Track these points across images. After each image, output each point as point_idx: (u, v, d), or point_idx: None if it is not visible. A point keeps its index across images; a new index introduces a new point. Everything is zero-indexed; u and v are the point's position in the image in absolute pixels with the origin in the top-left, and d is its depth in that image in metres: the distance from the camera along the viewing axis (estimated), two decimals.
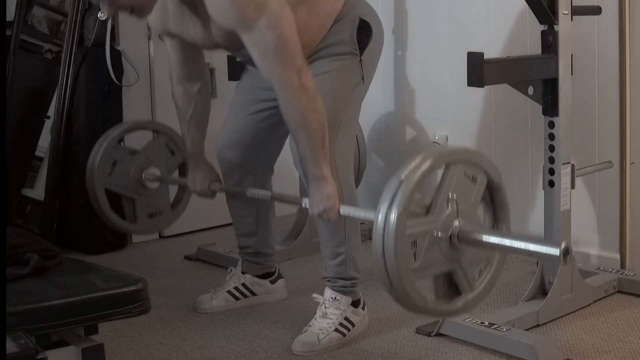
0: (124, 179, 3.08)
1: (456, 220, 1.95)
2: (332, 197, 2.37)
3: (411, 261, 1.88)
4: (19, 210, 3.79)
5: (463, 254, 1.97)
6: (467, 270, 1.99)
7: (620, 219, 3.12)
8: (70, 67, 3.60)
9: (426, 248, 1.91)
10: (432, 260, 1.93)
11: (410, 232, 1.88)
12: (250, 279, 2.95)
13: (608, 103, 3.09)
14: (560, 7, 2.60)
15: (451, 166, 1.96)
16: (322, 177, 2.38)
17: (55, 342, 2.00)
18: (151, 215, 3.15)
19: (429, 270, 1.94)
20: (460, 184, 1.97)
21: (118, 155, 3.08)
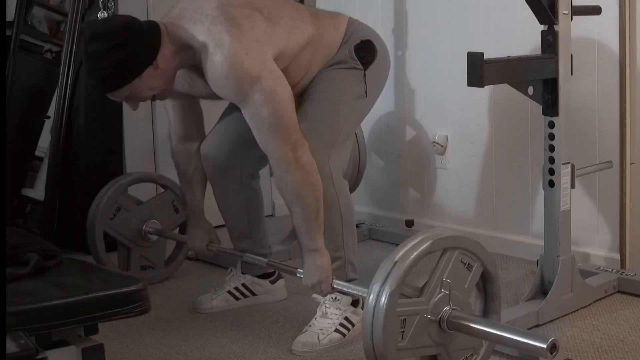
0: (124, 226, 3.14)
1: (447, 305, 1.98)
2: (325, 269, 2.43)
3: (398, 339, 1.92)
4: (19, 210, 3.79)
5: (451, 339, 2.01)
6: (452, 356, 2.03)
7: (620, 219, 3.12)
8: (70, 67, 3.60)
9: (415, 329, 1.95)
10: (419, 341, 1.96)
11: (401, 311, 1.91)
12: (250, 279, 2.95)
13: (608, 103, 3.09)
14: (560, 7, 2.60)
15: (448, 251, 1.99)
16: (317, 250, 2.43)
17: (55, 342, 2.01)
18: (144, 268, 3.21)
19: (414, 351, 1.98)
20: (455, 270, 2.01)
21: (123, 203, 3.15)
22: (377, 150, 3.95)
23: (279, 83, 2.34)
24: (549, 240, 2.74)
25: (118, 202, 3.15)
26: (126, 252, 3.19)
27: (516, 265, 3.34)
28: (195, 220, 2.85)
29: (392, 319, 1.90)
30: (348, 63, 2.58)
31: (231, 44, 2.30)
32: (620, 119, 3.07)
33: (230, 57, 2.29)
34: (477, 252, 2.05)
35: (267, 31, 2.38)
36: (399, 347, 1.93)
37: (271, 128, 2.33)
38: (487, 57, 2.48)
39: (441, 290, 1.98)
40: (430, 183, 3.78)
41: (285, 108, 2.34)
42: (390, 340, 1.90)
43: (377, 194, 3.99)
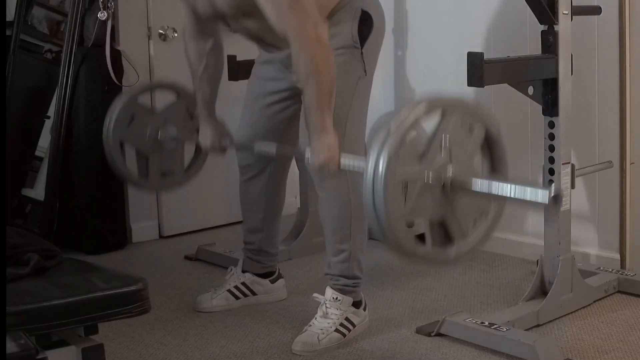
0: (140, 134, 3.06)
1: (450, 167, 1.91)
2: (333, 148, 2.36)
3: (401, 205, 1.85)
4: (19, 210, 3.79)
5: (456, 202, 1.93)
6: (460, 219, 1.95)
7: (620, 219, 3.12)
8: (70, 67, 3.60)
9: (417, 193, 1.87)
10: (423, 206, 1.89)
11: (401, 176, 1.84)
12: (250, 278, 2.95)
13: (608, 103, 3.09)
14: (560, 7, 2.60)
15: (447, 114, 1.91)
16: (325, 129, 2.37)
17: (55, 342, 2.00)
18: (163, 174, 3.13)
19: (419, 216, 1.91)
20: (456, 133, 1.92)
21: (137, 112, 3.06)
22: None
23: None
24: (549, 240, 2.74)
25: (131, 111, 3.09)
26: (144, 161, 3.12)
27: (516, 265, 3.34)
28: (206, 119, 2.80)
29: (393, 185, 1.83)
30: (347, 40, 2.54)
31: None
32: (620, 119, 3.07)
33: None
34: (478, 114, 1.98)
35: None
36: (403, 212, 1.87)
37: (291, 6, 2.30)
38: (487, 57, 2.48)
39: (442, 152, 1.90)
40: None
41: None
42: (393, 207, 1.83)
43: None
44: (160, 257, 3.65)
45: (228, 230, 4.01)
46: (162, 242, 3.89)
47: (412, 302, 2.96)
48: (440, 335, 2.62)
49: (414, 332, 2.68)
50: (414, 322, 2.74)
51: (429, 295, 3.03)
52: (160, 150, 3.09)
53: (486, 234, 2.01)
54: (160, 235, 3.95)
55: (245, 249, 2.96)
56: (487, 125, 1.98)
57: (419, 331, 2.67)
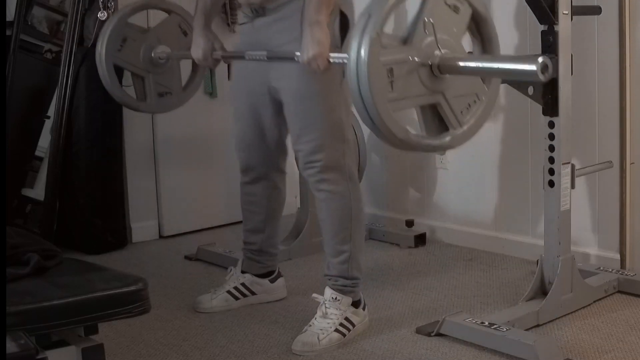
0: (133, 55, 3.03)
1: (436, 50, 1.86)
2: (323, 43, 2.35)
3: (387, 90, 1.80)
4: (19, 210, 3.79)
5: (447, 85, 1.89)
6: (452, 103, 1.91)
7: (620, 219, 3.12)
8: (70, 67, 3.60)
9: (404, 77, 1.82)
10: (411, 90, 1.84)
11: (385, 60, 1.79)
12: (250, 278, 2.95)
13: (608, 103, 3.09)
14: (560, 7, 2.60)
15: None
16: (318, 22, 2.36)
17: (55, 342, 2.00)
18: (161, 95, 3.11)
19: (408, 101, 1.86)
20: (441, 13, 1.88)
21: (128, 33, 3.02)
22: (377, 150, 3.95)
23: None
24: (549, 240, 2.74)
25: (122, 33, 3.03)
26: (141, 82, 3.08)
27: (516, 265, 3.34)
28: (200, 28, 2.77)
29: (377, 69, 1.77)
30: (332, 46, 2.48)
31: None
32: (620, 119, 3.07)
33: None
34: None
35: None
36: (390, 98, 1.81)
37: None
38: None
39: (427, 35, 1.85)
40: (430, 183, 3.78)
41: None
42: (379, 92, 1.78)
43: (377, 194, 3.99)
44: (160, 257, 3.65)
45: (228, 230, 4.02)
46: (162, 242, 3.89)
47: (412, 302, 2.96)
48: (440, 335, 2.61)
49: (414, 332, 2.68)
50: (414, 322, 2.74)
51: (429, 295, 3.03)
52: (156, 70, 3.05)
53: (480, 118, 1.96)
54: (160, 235, 3.95)
55: (245, 250, 2.96)
56: (472, 3, 1.94)
57: (419, 331, 2.67)
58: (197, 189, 4.00)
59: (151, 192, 3.91)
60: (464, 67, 1.86)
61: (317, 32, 2.35)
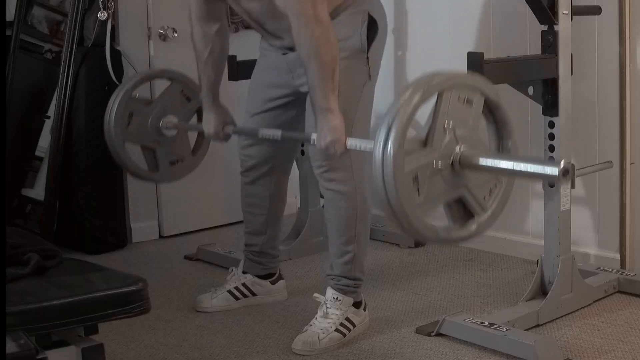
0: (142, 130, 3.04)
1: (456, 146, 1.89)
2: (339, 129, 2.37)
3: (415, 197, 1.83)
4: (19, 210, 3.79)
5: (469, 178, 1.91)
6: (476, 193, 1.93)
7: (620, 219, 3.12)
8: (70, 67, 3.60)
9: (429, 181, 1.85)
10: (436, 191, 1.87)
11: (410, 168, 1.82)
12: (251, 279, 2.95)
13: (608, 103, 3.09)
14: (560, 7, 2.60)
15: (444, 94, 1.89)
16: (330, 110, 2.38)
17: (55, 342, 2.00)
18: (173, 163, 3.12)
19: (435, 202, 1.88)
20: (455, 109, 1.90)
21: (134, 107, 3.04)
22: None
23: None
24: (549, 240, 2.74)
25: (128, 108, 3.06)
26: (152, 153, 3.10)
27: (516, 265, 3.34)
28: (210, 105, 2.79)
29: (403, 179, 1.80)
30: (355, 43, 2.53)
31: None
32: (620, 119, 3.07)
33: None
34: (474, 84, 1.95)
35: None
36: (418, 204, 1.84)
37: None
38: (487, 57, 2.48)
39: (446, 134, 1.88)
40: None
41: None
42: (407, 200, 1.81)
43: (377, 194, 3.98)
44: (160, 257, 3.65)
45: (228, 230, 4.02)
46: (162, 242, 3.89)
47: (412, 302, 2.96)
48: (440, 335, 2.61)
49: (414, 332, 2.68)
50: (414, 322, 2.74)
51: (429, 295, 3.03)
52: (165, 140, 3.07)
53: (503, 199, 1.98)
54: (160, 235, 3.95)
55: (247, 251, 2.96)
56: (484, 93, 1.96)
57: (419, 331, 2.67)
58: (197, 189, 4.00)
59: (151, 192, 3.91)
60: (484, 166, 1.90)
61: (331, 119, 2.38)
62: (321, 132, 2.39)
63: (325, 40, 2.33)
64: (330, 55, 2.34)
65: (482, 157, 1.89)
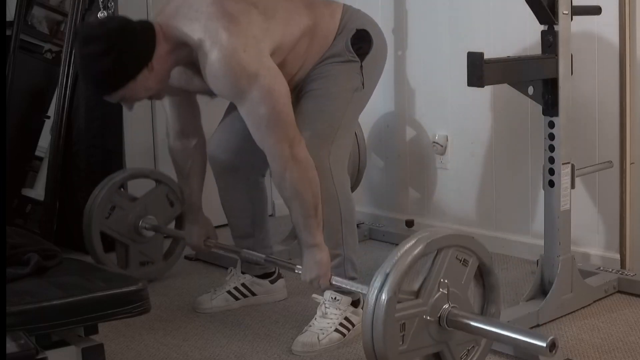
0: (120, 224, 3.15)
1: (446, 304, 1.98)
2: (324, 265, 2.44)
3: (399, 344, 1.92)
4: (19, 210, 3.79)
5: (451, 336, 2.00)
6: (454, 351, 2.03)
7: (620, 219, 3.12)
8: (70, 67, 3.60)
9: (415, 331, 1.94)
10: (420, 342, 1.96)
11: (400, 316, 1.91)
12: (250, 279, 2.95)
13: (608, 103, 3.09)
14: (560, 7, 2.60)
15: (442, 251, 1.98)
16: (316, 245, 2.44)
17: (55, 342, 2.01)
18: (143, 264, 3.22)
19: (416, 353, 1.97)
20: (451, 268, 2.00)
21: (118, 201, 3.14)
22: (377, 150, 3.95)
23: (276, 80, 2.33)
24: (549, 240, 2.74)
25: (112, 200, 3.14)
26: (124, 250, 3.19)
27: (516, 265, 3.34)
28: (193, 216, 2.85)
29: (392, 325, 1.90)
30: (344, 56, 2.56)
31: (228, 41, 2.28)
32: (620, 119, 3.07)
33: (228, 54, 2.28)
34: (472, 247, 2.04)
35: (263, 26, 2.37)
36: (400, 351, 1.93)
37: (269, 125, 2.33)
38: (487, 57, 2.48)
39: (439, 290, 1.98)
40: (430, 183, 3.78)
41: (282, 104, 2.33)
42: (392, 346, 1.90)
43: (377, 194, 3.99)
44: None
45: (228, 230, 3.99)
46: None
47: None
48: None
49: None
50: None
51: None
52: (140, 239, 3.15)
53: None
54: None
55: None
56: (480, 256, 2.05)
57: None
58: None
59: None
60: (473, 327, 1.98)
61: (316, 255, 2.44)
62: (306, 266, 2.45)
63: (304, 179, 2.37)
64: (310, 193, 2.38)
65: (469, 320, 1.97)
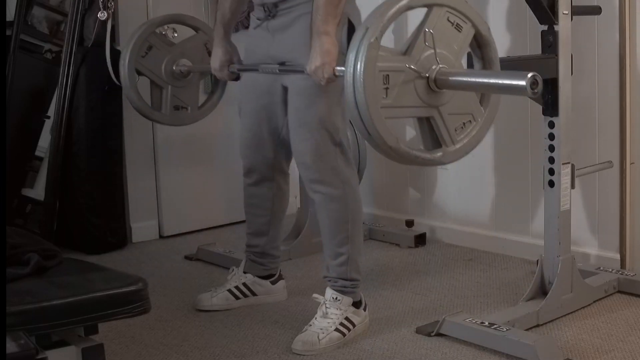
0: (156, 64, 3.08)
1: (435, 63, 1.87)
2: (331, 53, 2.37)
3: (381, 96, 1.81)
4: (19, 210, 3.79)
5: (443, 101, 1.89)
6: (447, 120, 1.92)
7: (620, 219, 3.12)
8: (70, 67, 3.60)
9: (400, 86, 1.83)
10: (406, 100, 1.85)
11: (382, 66, 1.80)
12: (251, 278, 2.95)
13: (608, 103, 3.09)
14: (560, 7, 2.60)
15: (433, 8, 1.87)
16: (327, 33, 2.39)
17: (55, 342, 2.00)
18: (177, 108, 3.15)
19: (402, 110, 1.87)
20: (442, 28, 1.88)
21: (155, 42, 3.07)
22: None
23: None
24: (549, 240, 2.74)
25: (149, 40, 3.07)
26: (159, 92, 3.11)
27: (516, 265, 3.34)
28: (219, 38, 2.80)
29: (372, 73, 1.79)
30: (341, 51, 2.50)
31: None
32: (620, 119, 3.07)
33: None
34: (467, 12, 1.93)
35: None
36: (383, 104, 1.82)
37: None
38: None
39: (426, 47, 1.87)
40: (430, 183, 3.78)
41: None
42: (373, 97, 1.80)
43: (377, 194, 3.99)
44: (160, 257, 3.65)
45: (228, 230, 4.02)
46: (162, 242, 3.89)
47: (412, 302, 2.96)
48: (440, 335, 2.61)
49: (414, 332, 2.68)
50: (414, 322, 2.74)
51: (429, 295, 3.03)
52: (176, 83, 3.09)
53: (474, 139, 1.97)
54: (160, 235, 3.95)
55: (248, 252, 2.96)
56: (476, 25, 1.94)
57: (419, 331, 2.67)
58: (197, 189, 4.00)
59: (151, 192, 3.91)
60: (456, 81, 1.87)
61: (325, 42, 2.38)
62: (314, 54, 2.39)
63: None
64: None
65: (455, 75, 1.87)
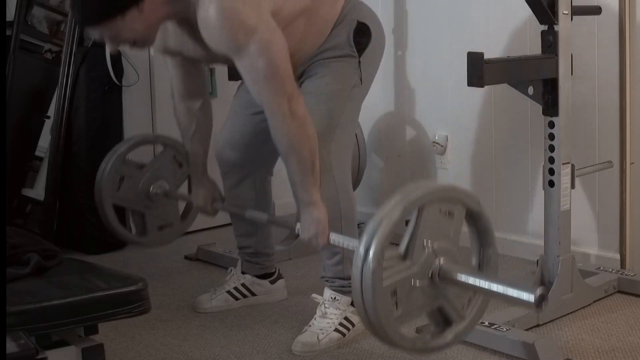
0: (131, 194, 3.10)
1: (435, 260, 1.91)
2: (322, 222, 2.39)
3: (393, 311, 1.86)
4: (19, 210, 3.79)
5: (448, 289, 1.94)
6: (454, 302, 1.96)
7: (620, 219, 3.12)
8: (70, 67, 3.60)
9: (407, 294, 1.88)
10: (415, 304, 1.90)
11: (388, 283, 1.85)
12: (250, 279, 2.95)
13: (608, 103, 3.09)
14: (560, 7, 2.60)
15: (424, 209, 1.91)
16: (312, 203, 2.40)
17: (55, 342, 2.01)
18: (161, 228, 3.16)
19: (414, 314, 1.91)
20: (436, 223, 1.93)
21: (125, 171, 3.10)
22: (377, 150, 3.95)
23: (275, 34, 2.28)
24: (549, 240, 2.74)
25: (120, 172, 3.09)
26: (140, 218, 3.14)
27: (516, 265, 3.34)
28: (199, 179, 2.83)
29: (381, 295, 1.82)
30: (344, 49, 2.54)
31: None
32: (620, 119, 3.07)
33: (227, 6, 2.23)
34: (455, 195, 1.95)
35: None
36: (396, 317, 1.85)
37: (266, 79, 2.28)
38: (487, 57, 2.48)
39: (425, 249, 1.89)
40: None
41: (281, 59, 2.29)
42: (386, 315, 1.82)
43: (377, 194, 3.99)
44: (160, 257, 3.64)
45: (228, 230, 3.98)
46: None
47: None
48: None
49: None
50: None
51: None
52: (154, 205, 3.12)
53: (481, 309, 2.01)
54: None
55: (242, 253, 2.96)
56: (465, 204, 1.98)
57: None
58: None
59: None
60: (463, 283, 1.91)
61: (314, 212, 2.40)
62: (304, 224, 2.41)
63: (302, 136, 2.33)
64: (308, 149, 2.34)
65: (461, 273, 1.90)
